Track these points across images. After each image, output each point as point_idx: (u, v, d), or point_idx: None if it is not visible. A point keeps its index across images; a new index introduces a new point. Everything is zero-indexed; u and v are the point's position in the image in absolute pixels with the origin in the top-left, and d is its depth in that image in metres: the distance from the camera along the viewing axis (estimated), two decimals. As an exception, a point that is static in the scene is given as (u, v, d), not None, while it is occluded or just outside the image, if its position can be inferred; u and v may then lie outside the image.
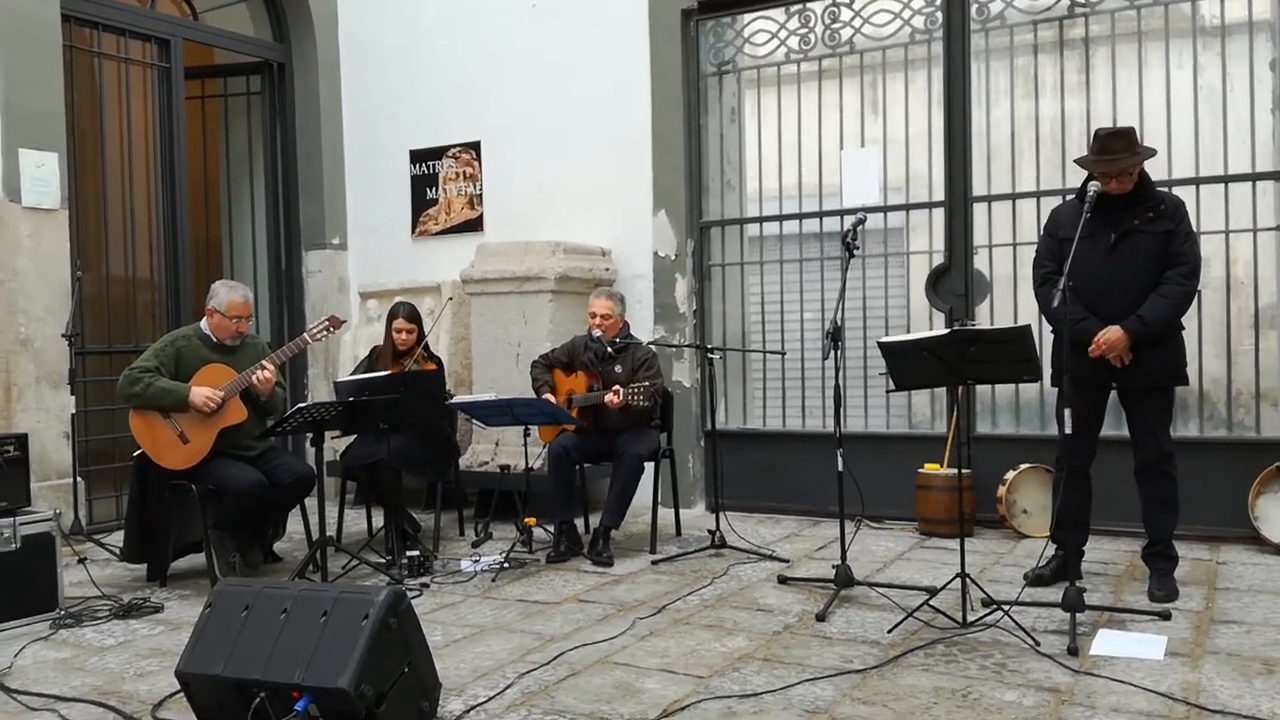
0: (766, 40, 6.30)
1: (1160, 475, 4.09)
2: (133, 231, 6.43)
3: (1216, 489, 4.99)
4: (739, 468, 6.07)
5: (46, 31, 5.71)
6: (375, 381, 4.88)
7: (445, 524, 5.69)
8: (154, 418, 4.57)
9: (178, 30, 6.65)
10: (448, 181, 7.14)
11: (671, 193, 6.37)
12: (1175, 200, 4.08)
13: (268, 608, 2.82)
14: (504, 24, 6.86)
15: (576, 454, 5.14)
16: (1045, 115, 5.63)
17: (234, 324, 4.73)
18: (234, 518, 4.62)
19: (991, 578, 4.42)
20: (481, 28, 6.94)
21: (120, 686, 3.36)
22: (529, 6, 6.78)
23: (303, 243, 7.40)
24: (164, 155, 6.57)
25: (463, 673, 3.37)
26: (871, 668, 3.30)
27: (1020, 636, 3.50)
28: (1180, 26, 5.33)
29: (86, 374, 5.91)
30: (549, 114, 6.73)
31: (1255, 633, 3.60)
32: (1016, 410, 5.72)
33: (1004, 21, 5.67)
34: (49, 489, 5.49)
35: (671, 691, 3.14)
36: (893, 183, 6.02)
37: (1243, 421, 5.25)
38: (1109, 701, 2.97)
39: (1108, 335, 3.97)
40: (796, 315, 6.24)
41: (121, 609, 4.24)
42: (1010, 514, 5.29)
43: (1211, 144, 5.23)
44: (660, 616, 3.99)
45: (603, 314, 5.22)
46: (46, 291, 5.66)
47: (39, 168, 5.63)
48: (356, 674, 2.59)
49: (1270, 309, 5.22)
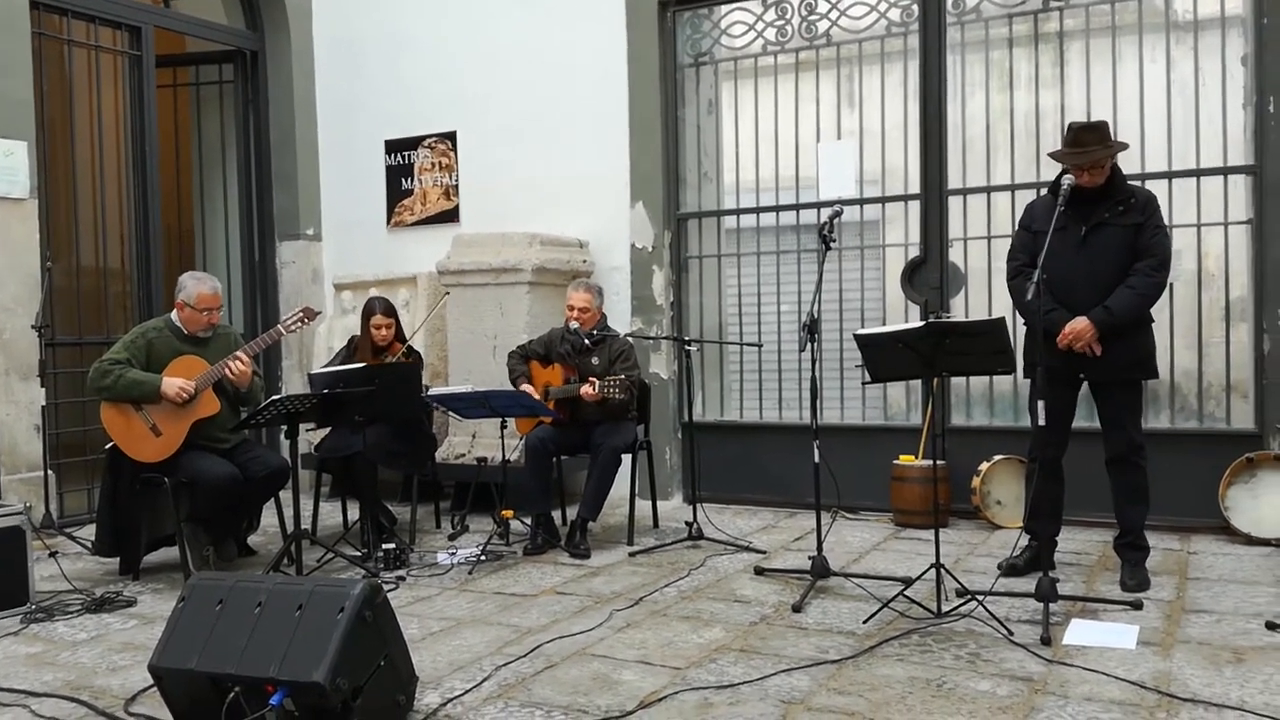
0: (744, 32, 6.30)
1: (1130, 467, 4.13)
2: (103, 221, 6.35)
3: (1188, 480, 5.04)
4: (716, 459, 6.08)
5: (14, 18, 5.63)
6: (350, 374, 4.85)
7: (421, 516, 5.66)
8: (126, 410, 4.52)
9: (149, 17, 6.57)
10: (423, 172, 7.09)
11: (649, 184, 6.36)
12: (1146, 194, 4.12)
13: (242, 601, 2.79)
14: (481, 14, 6.82)
15: (554, 446, 5.12)
16: (1020, 109, 5.66)
17: (204, 316, 4.68)
18: (207, 511, 4.58)
19: (966, 568, 4.46)
20: (458, 17, 6.90)
21: (93, 681, 3.32)
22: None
23: (276, 233, 7.34)
24: (135, 144, 6.50)
25: (439, 665, 3.36)
26: (847, 658, 3.32)
27: (994, 626, 3.53)
28: (1154, 21, 5.37)
29: (57, 366, 5.84)
30: (526, 105, 6.70)
31: (1225, 622, 3.65)
32: (991, 402, 5.76)
33: (979, 15, 5.69)
34: (19, 482, 5.42)
35: (649, 683, 3.14)
36: (869, 175, 6.04)
37: (1213, 413, 5.31)
38: (1082, 690, 3.00)
39: (1074, 325, 4.00)
40: (773, 307, 6.25)
41: (94, 603, 4.20)
42: (984, 505, 5.32)
43: (1184, 138, 5.28)
44: (637, 608, 3.99)
45: (580, 306, 5.20)
46: (15, 282, 5.58)
47: (7, 156, 5.56)
48: (332, 668, 2.58)
49: (1241, 302, 5.28)
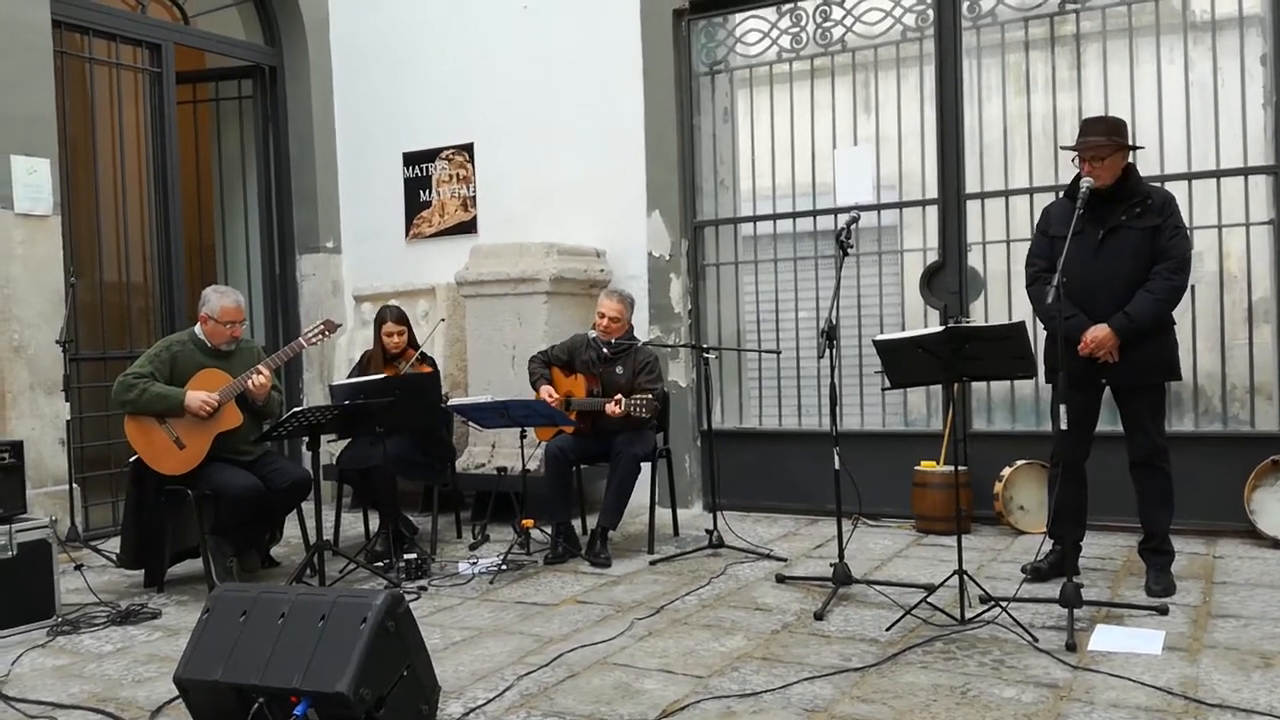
0: (758, 40, 6.30)
1: (1154, 471, 4.09)
2: (126, 237, 6.42)
3: (1212, 483, 5.00)
4: (736, 467, 6.07)
5: (36, 36, 5.70)
6: (371, 385, 4.87)
7: (442, 526, 5.68)
8: (149, 423, 4.56)
9: (169, 35, 6.64)
10: (441, 184, 7.13)
11: (665, 193, 6.37)
12: (1164, 195, 4.07)
13: (266, 612, 2.81)
14: (496, 25, 6.86)
15: (573, 455, 5.12)
16: (1037, 112, 5.64)
17: (228, 329, 4.72)
18: (231, 522, 4.61)
19: (989, 574, 4.43)
20: (473, 29, 6.94)
21: (118, 693, 3.35)
22: (521, 8, 6.78)
23: (296, 247, 7.39)
24: (156, 160, 6.56)
25: (461, 675, 3.37)
26: (870, 666, 3.31)
27: (1018, 633, 3.50)
28: (1171, 22, 5.34)
29: (81, 380, 5.89)
30: (542, 115, 6.72)
31: (1253, 626, 3.61)
32: (1012, 407, 5.73)
33: (995, 18, 5.68)
34: (45, 496, 5.48)
35: (671, 692, 3.14)
36: (886, 180, 6.03)
37: (1237, 415, 5.26)
38: (1108, 697, 2.97)
39: (1095, 333, 3.97)
40: (791, 314, 6.24)
41: (119, 615, 4.24)
42: (1007, 510, 5.29)
43: (1203, 139, 5.24)
44: (659, 617, 3.99)
45: (612, 315, 5.15)
46: (40, 298, 5.65)
47: (30, 174, 5.62)
48: (355, 678, 2.59)
49: (1264, 303, 5.23)
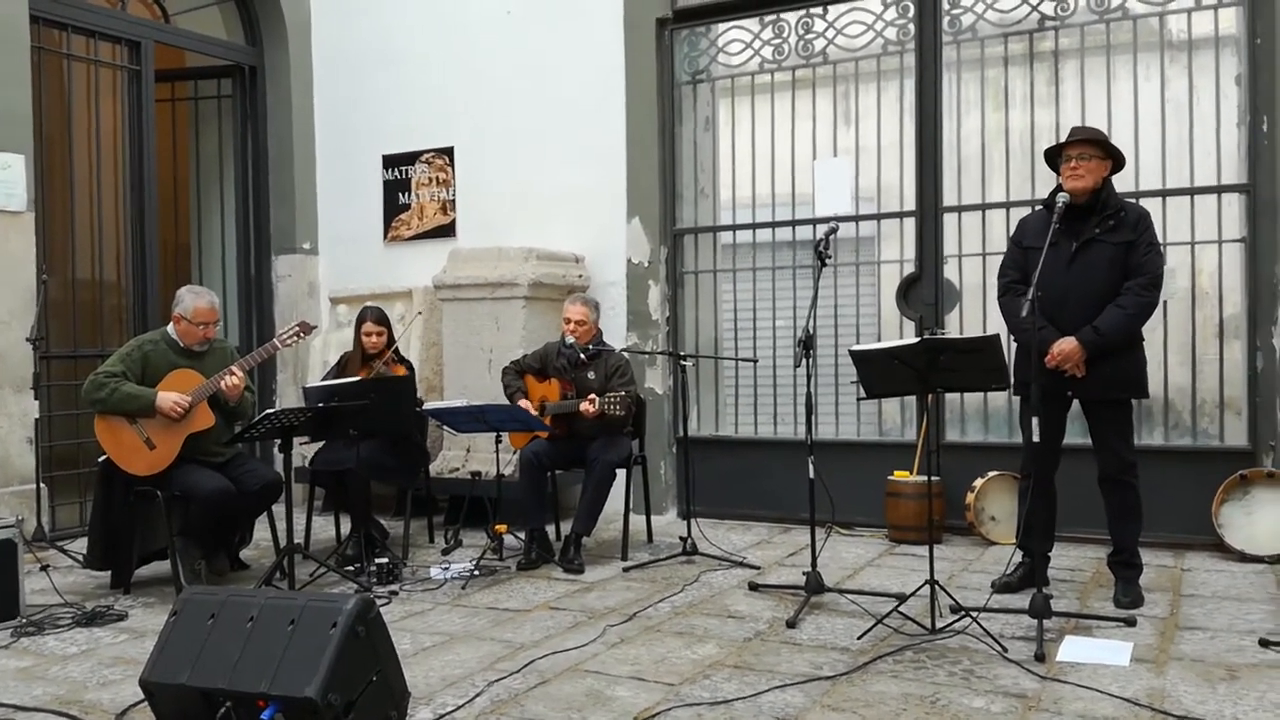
0: (741, 50, 6.33)
1: (1122, 485, 4.10)
2: (100, 235, 6.36)
3: (1181, 497, 5.05)
4: (711, 474, 6.07)
5: (13, 32, 5.65)
6: (345, 388, 4.84)
7: (415, 531, 5.65)
8: (120, 423, 4.52)
9: (149, 32, 6.59)
10: (420, 187, 7.11)
11: (645, 200, 6.38)
12: (1139, 210, 4.10)
13: (234, 616, 2.78)
14: (479, 30, 6.85)
15: (548, 460, 5.12)
16: (1015, 127, 5.69)
17: (201, 330, 4.68)
18: (200, 524, 4.57)
19: (960, 584, 4.45)
20: (456, 34, 6.93)
21: (83, 696, 3.31)
22: (504, 13, 6.78)
23: (273, 247, 7.34)
24: (133, 158, 6.51)
25: (432, 681, 3.35)
26: (841, 674, 3.32)
27: (988, 643, 3.52)
28: (1148, 41, 5.41)
29: (51, 378, 5.83)
30: (523, 121, 6.72)
31: (1219, 639, 3.65)
32: (985, 418, 5.76)
33: (975, 34, 5.73)
34: (11, 495, 5.41)
35: (642, 699, 3.14)
36: (864, 192, 6.06)
37: (1207, 430, 5.32)
38: (1075, 708, 2.99)
39: (1062, 346, 3.98)
40: (769, 323, 6.26)
41: (85, 617, 4.18)
42: (979, 521, 5.32)
43: (1178, 156, 5.30)
44: (631, 624, 3.98)
45: (577, 319, 5.20)
46: (11, 295, 5.58)
47: (4, 169, 5.56)
48: (324, 683, 2.57)
49: (1234, 319, 5.29)
